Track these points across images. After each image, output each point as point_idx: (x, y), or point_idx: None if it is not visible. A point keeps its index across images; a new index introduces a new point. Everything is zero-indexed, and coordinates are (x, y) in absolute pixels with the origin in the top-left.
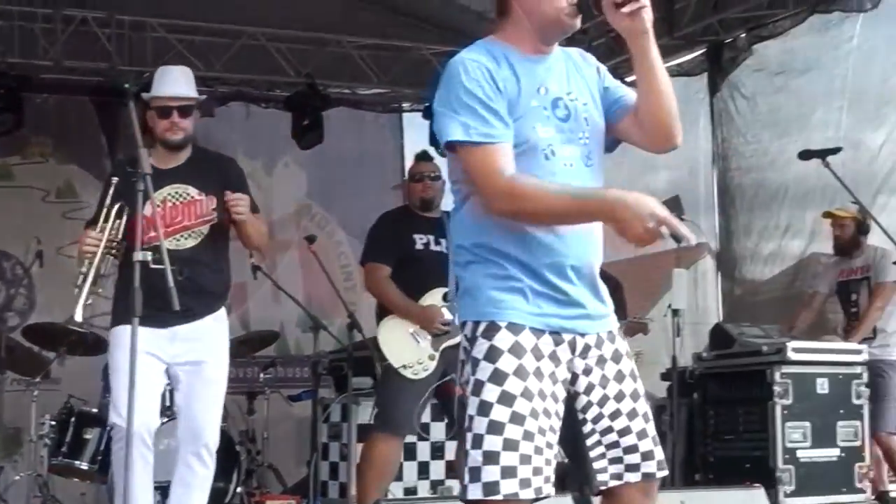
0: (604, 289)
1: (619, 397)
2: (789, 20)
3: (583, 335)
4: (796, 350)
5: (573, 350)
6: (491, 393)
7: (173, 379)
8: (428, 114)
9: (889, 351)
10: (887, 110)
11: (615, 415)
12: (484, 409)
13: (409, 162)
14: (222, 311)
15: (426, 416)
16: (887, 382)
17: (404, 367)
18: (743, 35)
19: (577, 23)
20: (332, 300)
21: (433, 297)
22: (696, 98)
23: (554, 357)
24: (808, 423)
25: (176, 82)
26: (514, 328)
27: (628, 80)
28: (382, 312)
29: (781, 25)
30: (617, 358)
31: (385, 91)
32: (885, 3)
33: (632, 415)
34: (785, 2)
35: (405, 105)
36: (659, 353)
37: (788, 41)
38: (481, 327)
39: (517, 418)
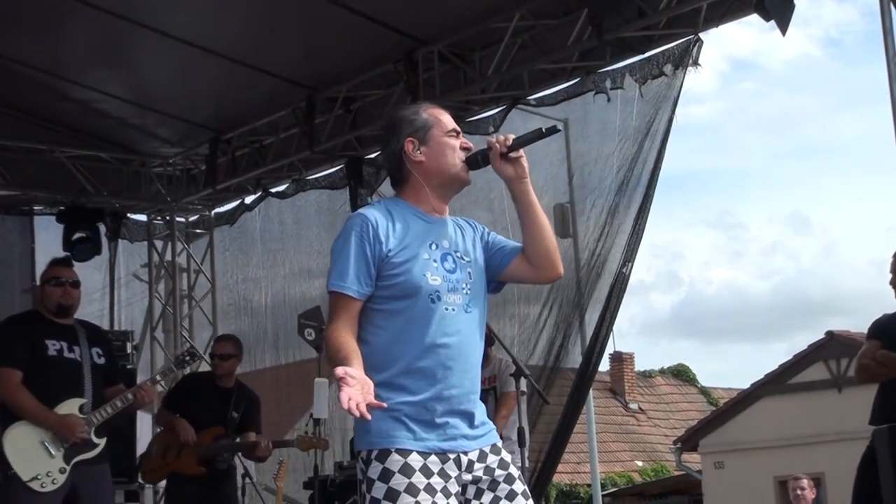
0: (482, 408)
1: (511, 496)
2: None
3: (465, 452)
4: None
5: (459, 466)
6: None
7: None
8: (63, 217)
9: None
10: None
11: None
12: None
13: (40, 266)
14: None
15: None
16: None
17: (34, 478)
18: (379, 152)
19: (469, 177)
20: None
21: (69, 408)
22: (341, 210)
23: (443, 473)
24: None
25: None
26: (403, 452)
27: None
28: (7, 418)
29: None
30: (504, 465)
31: (14, 193)
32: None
33: None
34: None
35: (36, 208)
36: (303, 461)
37: None
38: (374, 453)
39: None
